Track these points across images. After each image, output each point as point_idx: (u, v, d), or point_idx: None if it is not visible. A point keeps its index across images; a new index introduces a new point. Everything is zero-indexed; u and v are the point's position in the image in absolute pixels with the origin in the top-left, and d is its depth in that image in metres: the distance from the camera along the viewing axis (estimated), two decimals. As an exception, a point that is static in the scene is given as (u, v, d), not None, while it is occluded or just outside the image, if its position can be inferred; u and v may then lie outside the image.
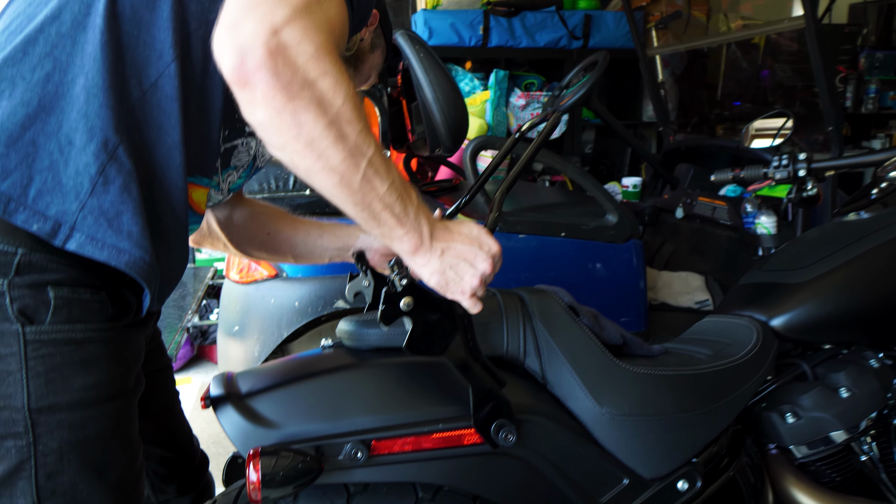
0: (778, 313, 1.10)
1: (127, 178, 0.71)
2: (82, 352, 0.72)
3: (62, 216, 0.69)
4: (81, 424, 0.72)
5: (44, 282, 0.70)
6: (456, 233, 0.80)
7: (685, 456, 0.94)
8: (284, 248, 1.13)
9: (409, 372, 0.92)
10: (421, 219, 0.76)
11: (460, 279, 0.79)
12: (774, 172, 1.51)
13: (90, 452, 0.73)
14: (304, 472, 0.80)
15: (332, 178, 0.68)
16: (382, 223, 0.73)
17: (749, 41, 3.65)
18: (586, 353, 0.94)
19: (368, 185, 0.69)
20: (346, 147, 0.66)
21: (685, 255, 2.73)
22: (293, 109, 0.63)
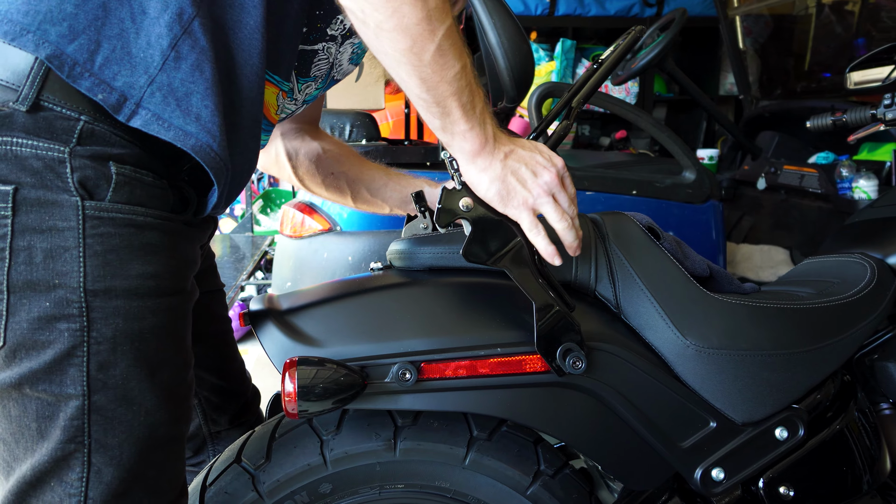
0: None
1: (200, 55, 0.65)
2: (142, 237, 0.67)
3: (129, 89, 0.64)
4: (138, 315, 0.67)
5: (106, 155, 0.65)
6: (517, 140, 0.74)
7: (785, 400, 0.81)
8: (346, 191, 1.09)
9: (465, 292, 0.83)
10: (487, 117, 0.70)
11: (523, 187, 0.72)
12: (885, 112, 1.31)
13: (144, 347, 0.68)
14: (345, 386, 0.72)
15: (404, 41, 0.62)
16: (447, 112, 0.67)
17: (843, 5, 3.35)
18: (668, 279, 0.82)
19: (441, 60, 0.63)
20: (426, 8, 0.60)
21: (767, 229, 2.52)
22: None
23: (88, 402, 0.65)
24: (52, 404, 0.65)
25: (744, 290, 0.93)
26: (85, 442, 0.66)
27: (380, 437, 0.82)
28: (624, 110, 1.83)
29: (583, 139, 3.90)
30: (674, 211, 1.85)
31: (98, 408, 0.66)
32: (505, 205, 0.73)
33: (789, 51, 3.33)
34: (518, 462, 0.84)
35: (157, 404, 0.69)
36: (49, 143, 0.62)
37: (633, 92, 3.62)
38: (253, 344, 3.19)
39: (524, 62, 1.75)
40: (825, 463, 0.84)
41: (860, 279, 0.90)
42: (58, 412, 0.65)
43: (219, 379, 1.04)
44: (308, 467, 0.81)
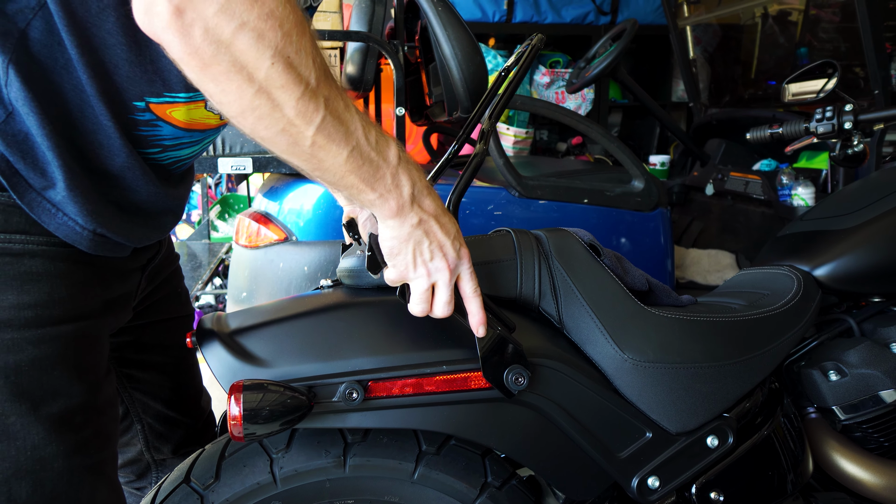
0: (822, 262, 0.99)
1: (25, 105, 0.62)
2: (19, 266, 0.65)
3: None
4: (11, 347, 0.64)
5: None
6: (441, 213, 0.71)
7: (716, 409, 0.85)
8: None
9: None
10: (401, 180, 0.66)
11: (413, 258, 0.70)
12: (817, 126, 1.39)
13: (23, 380, 0.65)
14: (292, 408, 0.73)
15: (278, 145, 0.59)
16: (348, 186, 0.64)
17: (786, 17, 3.49)
18: (607, 294, 0.86)
19: (322, 153, 0.60)
20: (285, 116, 0.57)
21: (715, 233, 2.61)
22: (213, 77, 0.54)
23: None
24: None
25: (681, 302, 0.97)
26: None
27: (330, 454, 0.83)
28: (575, 121, 1.88)
29: (540, 144, 3.96)
30: (624, 218, 1.91)
31: None
32: (390, 261, 0.71)
33: (736, 60, 3.45)
34: (465, 475, 0.86)
35: (46, 437, 0.67)
36: None
37: (588, 98, 3.69)
38: (210, 352, 3.14)
39: (477, 72, 1.78)
40: (753, 468, 0.89)
41: (788, 291, 0.96)
42: None
43: (165, 408, 1.02)
44: (258, 486, 0.81)
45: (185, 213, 3.76)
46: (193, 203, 3.77)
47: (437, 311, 0.74)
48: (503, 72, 0.88)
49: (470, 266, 0.74)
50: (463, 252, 0.73)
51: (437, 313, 0.74)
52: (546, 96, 3.67)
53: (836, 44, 3.34)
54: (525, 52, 0.88)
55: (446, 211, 0.73)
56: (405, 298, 0.74)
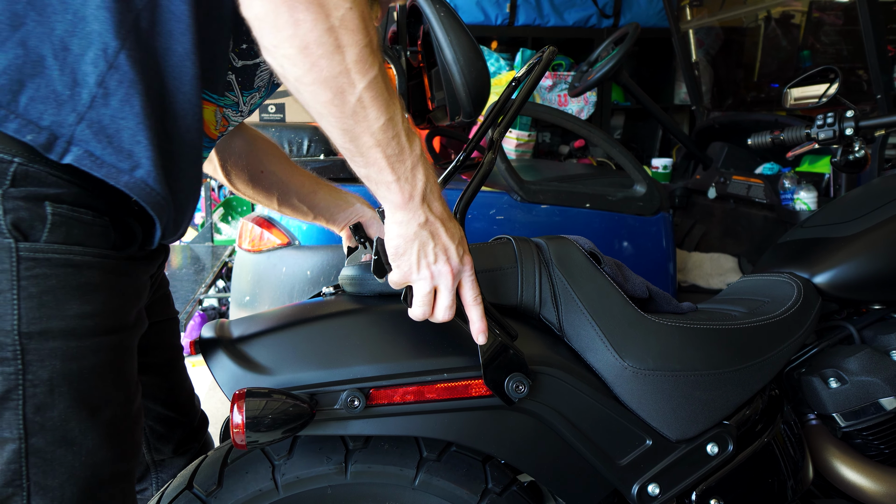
0: (822, 269, 1.00)
1: (129, 89, 0.64)
2: (80, 276, 0.66)
3: (58, 128, 0.63)
4: (75, 355, 0.66)
5: (41, 195, 0.64)
6: (447, 217, 0.73)
7: (716, 417, 0.85)
8: (273, 192, 1.06)
9: (413, 319, 0.85)
10: (418, 172, 0.68)
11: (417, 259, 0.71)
12: (818, 132, 1.39)
13: (84, 386, 0.67)
14: (294, 416, 0.74)
15: (324, 93, 0.61)
16: (371, 162, 0.66)
17: (789, 20, 3.48)
18: (608, 302, 0.86)
19: (363, 113, 0.62)
20: (344, 60, 0.60)
21: (717, 236, 2.61)
22: (291, 5, 0.57)
23: (26, 445, 0.65)
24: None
25: (681, 310, 0.98)
26: (24, 485, 0.65)
27: (331, 460, 0.84)
28: (577, 126, 1.88)
29: (543, 146, 3.97)
30: (626, 223, 1.91)
31: (36, 450, 0.65)
32: (394, 261, 0.72)
33: (739, 63, 3.45)
34: (466, 481, 0.87)
35: (98, 443, 0.69)
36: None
37: (591, 101, 3.69)
38: (214, 354, 3.16)
39: (479, 78, 1.78)
40: (753, 475, 0.89)
41: (788, 298, 0.96)
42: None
43: (165, 409, 1.04)
44: (260, 492, 0.82)
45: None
46: (198, 206, 3.79)
47: (438, 316, 0.75)
48: (514, 82, 0.88)
49: (472, 273, 0.74)
50: (466, 259, 0.74)
51: (437, 317, 0.75)
52: (548, 99, 3.68)
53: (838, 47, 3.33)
54: (536, 64, 0.89)
55: (453, 217, 0.74)
56: (408, 302, 0.75)
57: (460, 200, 0.81)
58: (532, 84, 0.88)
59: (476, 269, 0.79)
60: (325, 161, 1.93)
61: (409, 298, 0.74)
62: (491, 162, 0.83)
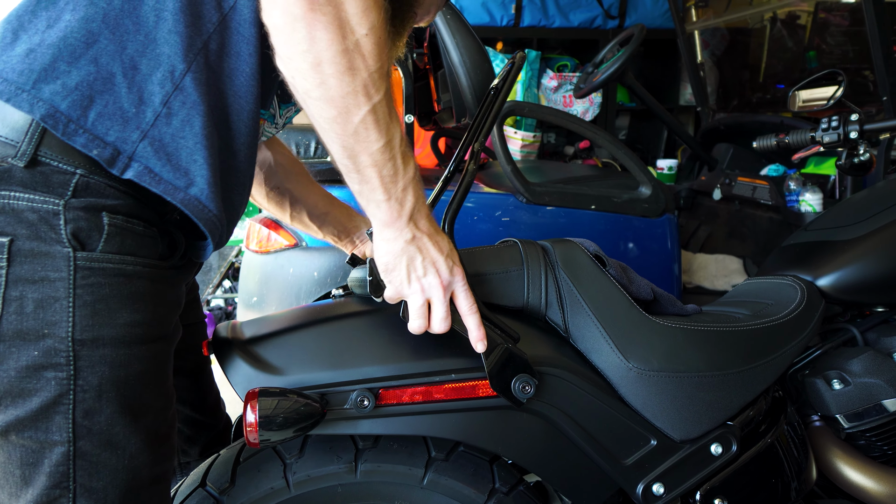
0: (825, 272, 1.01)
1: (191, 111, 0.67)
2: (131, 286, 0.68)
3: (122, 144, 0.65)
4: (123, 363, 0.68)
5: (99, 206, 0.66)
6: (435, 232, 0.75)
7: (719, 417, 0.87)
8: (286, 208, 1.09)
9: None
10: (408, 194, 0.71)
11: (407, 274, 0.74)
12: (823, 135, 1.40)
13: (130, 393, 0.69)
14: (305, 415, 0.75)
15: (328, 110, 0.64)
16: (365, 180, 0.69)
17: (795, 21, 3.48)
18: (613, 304, 0.87)
19: (364, 133, 0.65)
20: (354, 82, 0.62)
21: (722, 238, 2.62)
22: (310, 22, 0.59)
23: (74, 448, 0.67)
24: (37, 451, 0.66)
25: (685, 312, 0.99)
26: (70, 487, 0.67)
27: (341, 459, 0.85)
28: (582, 128, 1.89)
29: (548, 147, 3.98)
30: (631, 224, 1.92)
31: (83, 453, 0.67)
32: (386, 277, 0.75)
33: (745, 64, 3.45)
34: (474, 481, 0.88)
35: (140, 447, 0.70)
36: (45, 196, 0.64)
37: (596, 102, 3.70)
38: (221, 354, 3.18)
39: (485, 79, 1.80)
40: (757, 475, 0.90)
41: (791, 301, 0.97)
42: (43, 459, 0.66)
43: (193, 411, 1.06)
44: (271, 490, 0.84)
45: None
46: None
47: (435, 328, 0.77)
48: (491, 90, 0.90)
49: (464, 283, 0.76)
50: (456, 270, 0.76)
51: (434, 329, 0.77)
52: (554, 100, 3.69)
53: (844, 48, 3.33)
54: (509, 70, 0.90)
55: (440, 231, 0.76)
56: (404, 316, 0.77)
57: (447, 213, 0.83)
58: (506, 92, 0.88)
59: (483, 272, 0.80)
60: (330, 163, 1.95)
61: (405, 313, 0.76)
62: (473, 172, 0.85)
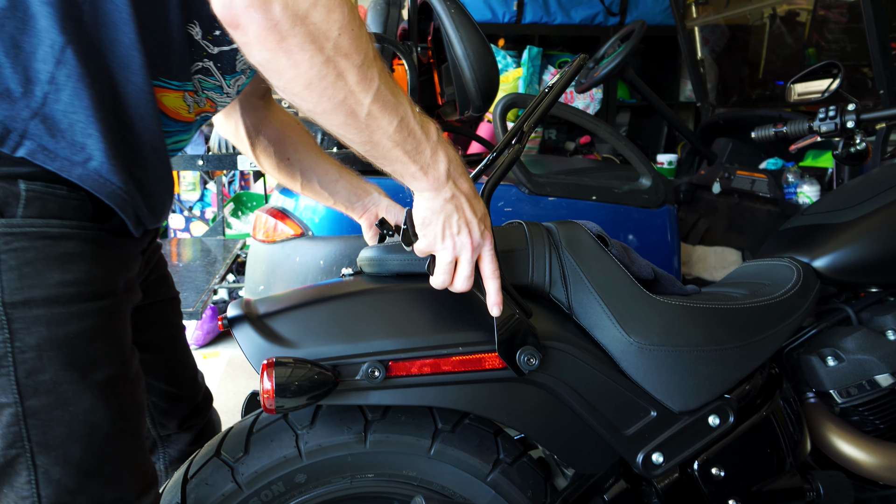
0: (821, 253, 1.04)
1: (78, 83, 0.67)
2: (59, 247, 0.70)
3: (11, 122, 0.66)
4: (60, 321, 0.70)
5: (14, 174, 0.68)
6: (474, 196, 0.78)
7: (717, 390, 0.90)
8: (297, 178, 1.11)
9: (430, 297, 0.90)
10: (439, 157, 0.74)
11: (442, 230, 0.77)
12: (820, 125, 1.43)
13: (72, 350, 0.71)
14: (319, 383, 0.78)
15: (336, 117, 0.66)
16: (394, 160, 0.71)
17: (794, 17, 3.51)
18: (614, 282, 0.90)
19: (375, 123, 0.67)
20: (348, 84, 0.64)
21: (721, 231, 2.65)
22: (287, 50, 0.60)
23: (23, 408, 0.69)
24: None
25: (685, 291, 1.02)
26: (26, 446, 0.70)
27: (351, 430, 0.89)
28: (584, 120, 1.92)
29: (549, 143, 4.01)
30: (632, 215, 1.95)
31: (33, 412, 0.69)
32: (421, 231, 0.78)
33: (744, 60, 3.48)
34: (479, 452, 0.91)
35: (94, 403, 0.72)
36: None
37: (597, 98, 3.73)
38: (225, 347, 3.22)
39: (489, 73, 1.83)
40: (753, 446, 0.93)
41: (788, 281, 1.00)
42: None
43: (167, 385, 1.08)
44: (284, 459, 0.87)
45: (200, 211, 3.83)
46: (208, 201, 3.84)
47: (458, 285, 0.79)
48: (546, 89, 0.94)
49: (492, 249, 0.79)
50: (487, 234, 0.78)
51: (457, 287, 0.79)
52: (555, 96, 3.72)
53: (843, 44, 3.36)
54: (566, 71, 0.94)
55: (478, 195, 0.79)
56: (430, 270, 0.79)
57: (486, 184, 0.86)
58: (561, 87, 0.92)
59: None
60: (337, 154, 1.98)
61: (431, 267, 0.79)
62: (520, 150, 0.88)
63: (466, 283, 0.79)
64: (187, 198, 3.82)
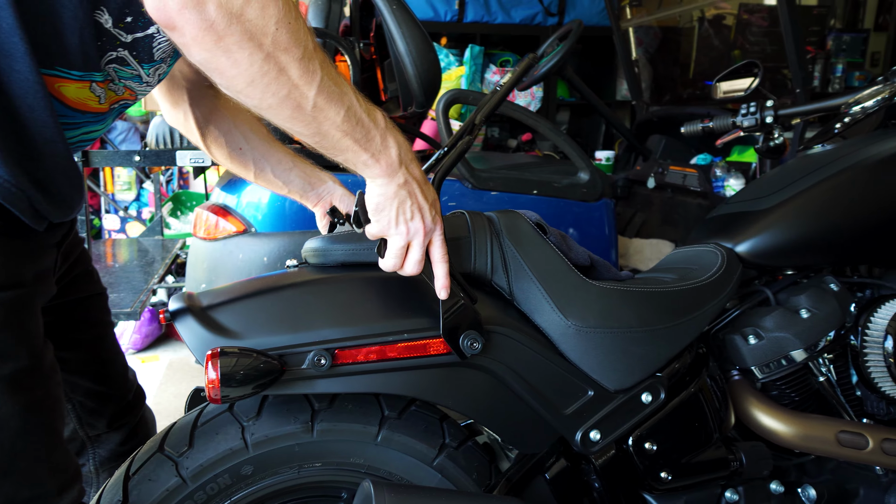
0: (742, 239, 1.11)
1: None
2: None
3: None
4: None
5: None
6: (424, 182, 0.79)
7: (649, 369, 0.95)
8: (250, 167, 1.10)
9: (375, 285, 0.91)
10: (388, 143, 0.75)
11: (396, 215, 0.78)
12: (742, 120, 1.52)
13: None
14: (264, 372, 0.79)
15: (282, 111, 0.67)
16: (344, 149, 0.72)
17: (721, 20, 3.69)
18: (553, 268, 0.94)
19: (322, 115, 0.68)
20: (290, 79, 0.64)
21: (656, 224, 2.76)
22: (225, 48, 0.60)
23: None
24: None
25: (620, 277, 1.07)
26: None
27: (298, 420, 0.89)
28: (525, 117, 1.97)
29: (492, 141, 4.07)
30: (571, 209, 2.01)
31: None
32: (374, 216, 0.79)
33: (676, 60, 3.63)
34: (425, 437, 0.93)
35: (1, 399, 0.71)
36: None
37: (538, 96, 3.82)
38: (164, 350, 3.12)
39: (431, 70, 1.85)
40: (682, 421, 0.99)
41: (712, 265, 1.07)
42: None
43: (94, 383, 1.06)
44: (230, 451, 0.86)
45: (136, 211, 3.70)
46: (144, 200, 3.72)
47: (408, 268, 0.81)
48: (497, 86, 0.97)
49: (442, 234, 0.82)
50: (438, 219, 0.81)
51: (407, 270, 0.81)
52: (497, 94, 3.78)
53: (764, 46, 3.56)
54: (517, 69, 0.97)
55: (428, 181, 0.81)
56: (381, 254, 0.81)
57: (437, 172, 0.87)
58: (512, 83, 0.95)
59: None
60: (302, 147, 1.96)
61: (382, 250, 0.81)
62: (469, 142, 0.90)
63: (417, 267, 0.81)
64: (122, 197, 3.69)
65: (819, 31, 3.98)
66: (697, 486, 0.99)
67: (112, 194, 3.67)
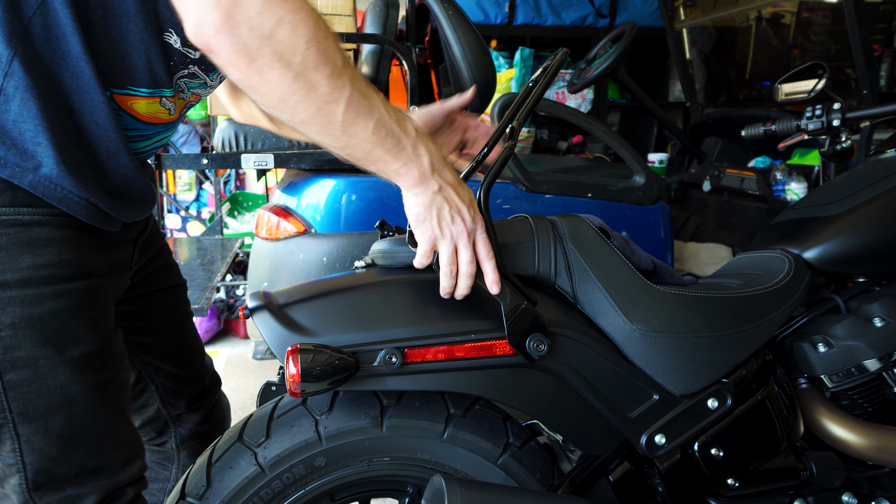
0: (811, 245, 1.09)
1: (26, 93, 0.71)
2: (30, 234, 0.74)
3: None
4: (34, 301, 0.74)
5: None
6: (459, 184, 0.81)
7: (715, 375, 0.94)
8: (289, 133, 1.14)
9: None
10: (420, 151, 0.76)
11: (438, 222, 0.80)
12: (807, 123, 1.49)
13: (46, 328, 0.75)
14: (340, 368, 0.82)
15: (313, 127, 0.70)
16: (376, 159, 0.74)
17: (780, 19, 3.59)
18: (617, 272, 0.95)
19: (352, 128, 0.70)
20: (319, 96, 0.67)
21: (712, 228, 2.71)
22: (258, 69, 0.64)
23: (2, 381, 0.74)
24: None
25: (683, 282, 1.07)
26: (8, 417, 0.75)
27: (368, 415, 0.92)
28: (579, 119, 1.97)
29: (541, 143, 4.06)
30: (626, 212, 2.00)
31: (12, 385, 0.74)
32: (417, 227, 0.81)
33: (732, 61, 3.55)
34: (490, 435, 0.95)
35: (71, 377, 0.77)
36: None
37: (588, 98, 3.79)
38: (223, 346, 3.24)
39: (486, 73, 1.87)
40: (749, 428, 0.98)
41: (780, 272, 1.05)
42: None
43: (174, 367, 1.13)
44: (305, 443, 0.90)
45: (196, 211, 3.84)
46: (204, 201, 3.86)
47: (462, 269, 0.83)
48: (531, 83, 0.98)
49: (484, 232, 0.83)
50: (478, 218, 0.82)
51: (462, 272, 0.83)
52: (547, 96, 3.77)
53: (826, 46, 3.44)
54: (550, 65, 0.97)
55: (462, 182, 0.83)
56: (437, 268, 0.83)
57: (484, 180, 0.89)
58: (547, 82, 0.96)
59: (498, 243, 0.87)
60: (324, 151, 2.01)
61: (437, 264, 0.83)
62: (511, 147, 0.92)
63: (470, 268, 0.82)
64: (183, 198, 3.84)
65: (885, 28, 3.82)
66: (765, 494, 0.98)
67: (174, 195, 3.82)
